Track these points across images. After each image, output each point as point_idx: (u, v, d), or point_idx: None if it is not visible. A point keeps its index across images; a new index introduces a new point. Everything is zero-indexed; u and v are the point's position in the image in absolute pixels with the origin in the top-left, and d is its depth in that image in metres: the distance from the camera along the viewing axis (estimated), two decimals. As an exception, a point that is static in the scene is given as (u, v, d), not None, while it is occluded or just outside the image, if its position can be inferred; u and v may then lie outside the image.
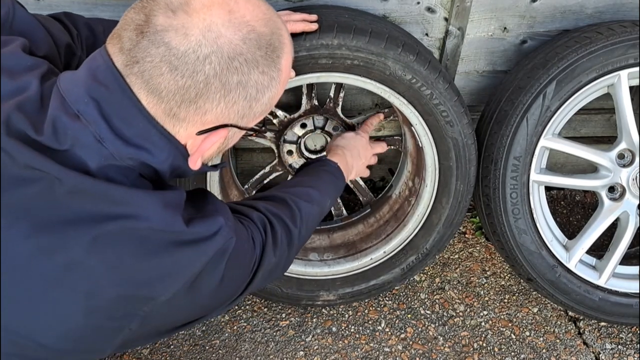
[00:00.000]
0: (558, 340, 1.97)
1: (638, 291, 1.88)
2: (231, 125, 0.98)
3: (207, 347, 1.91)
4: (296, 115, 1.83)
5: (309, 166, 1.52)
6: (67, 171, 0.90)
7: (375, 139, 1.94)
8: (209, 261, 0.98)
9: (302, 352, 1.91)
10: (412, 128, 1.70)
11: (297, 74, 1.51)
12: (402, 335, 1.96)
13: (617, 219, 1.87)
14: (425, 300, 2.06)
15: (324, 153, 1.92)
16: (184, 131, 0.96)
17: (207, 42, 0.90)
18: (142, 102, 0.92)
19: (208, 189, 1.69)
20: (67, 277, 0.90)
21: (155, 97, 0.91)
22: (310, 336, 1.95)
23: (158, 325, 1.02)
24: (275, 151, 1.91)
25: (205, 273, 0.99)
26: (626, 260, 1.92)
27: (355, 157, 1.64)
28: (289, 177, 1.97)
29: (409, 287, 2.10)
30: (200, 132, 0.97)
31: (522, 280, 2.06)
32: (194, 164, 1.01)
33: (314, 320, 1.99)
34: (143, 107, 0.92)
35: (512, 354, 1.93)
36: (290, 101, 1.93)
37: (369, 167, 1.76)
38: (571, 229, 2.31)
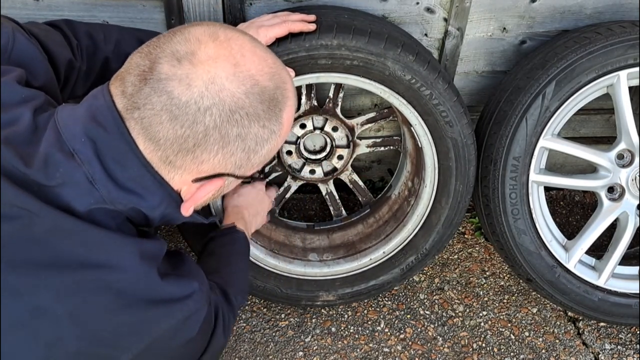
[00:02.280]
0: (557, 341, 1.97)
1: (637, 291, 1.88)
2: (228, 175, 0.98)
3: (206, 348, 1.91)
4: (295, 115, 1.83)
5: (220, 245, 1.50)
6: (49, 209, 0.88)
7: (374, 139, 1.94)
8: (176, 324, 0.97)
9: (301, 353, 1.91)
10: (412, 128, 1.70)
11: (296, 75, 1.50)
12: (402, 336, 1.96)
13: (617, 220, 1.87)
14: (425, 301, 2.06)
15: (324, 154, 1.93)
16: (179, 178, 0.95)
17: (210, 94, 0.89)
18: (139, 147, 0.91)
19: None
20: (31, 323, 0.87)
21: (152, 144, 0.91)
22: (310, 336, 1.95)
23: None
24: (275, 151, 1.91)
25: (171, 336, 0.98)
26: (625, 260, 1.92)
27: (253, 215, 1.66)
28: (288, 181, 1.97)
29: (408, 287, 2.10)
30: (196, 180, 0.96)
31: (521, 281, 2.06)
32: (187, 211, 1.00)
33: (313, 320, 1.99)
34: (140, 152, 0.91)
35: (512, 354, 1.93)
36: (289, 101, 1.92)
37: None
38: (570, 230, 2.31)
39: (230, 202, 1.70)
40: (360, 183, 2.02)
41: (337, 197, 2.03)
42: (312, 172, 1.96)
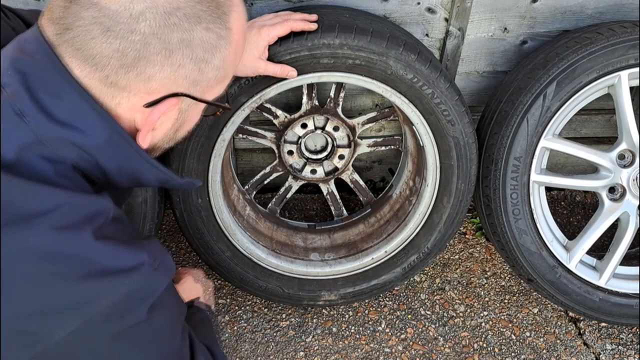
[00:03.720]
0: (558, 341, 1.97)
1: (638, 292, 1.88)
2: (183, 95, 0.88)
3: (207, 348, 1.91)
4: (297, 115, 1.83)
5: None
6: None
7: (375, 139, 1.94)
8: (118, 301, 0.83)
9: (302, 353, 1.90)
10: (413, 127, 1.70)
11: (299, 74, 1.51)
12: (403, 336, 1.96)
13: (618, 220, 1.87)
14: (426, 301, 2.06)
15: (325, 154, 1.93)
16: (126, 102, 0.86)
17: None
18: (74, 72, 0.83)
19: (210, 188, 1.68)
20: None
21: (89, 65, 0.82)
22: (311, 337, 1.95)
23: None
24: (276, 151, 1.91)
25: (114, 315, 0.84)
26: (626, 260, 1.92)
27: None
28: (289, 181, 1.98)
29: (409, 287, 2.10)
30: (148, 105, 0.87)
31: (522, 281, 2.06)
32: (143, 139, 0.89)
33: (314, 320, 1.99)
34: (73, 79, 0.83)
35: (513, 354, 1.92)
36: (290, 101, 1.93)
37: None
38: (571, 230, 2.31)
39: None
40: (361, 183, 2.02)
41: (338, 197, 2.03)
42: (313, 172, 1.96)
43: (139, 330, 0.88)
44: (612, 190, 1.84)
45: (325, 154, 1.95)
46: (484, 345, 1.95)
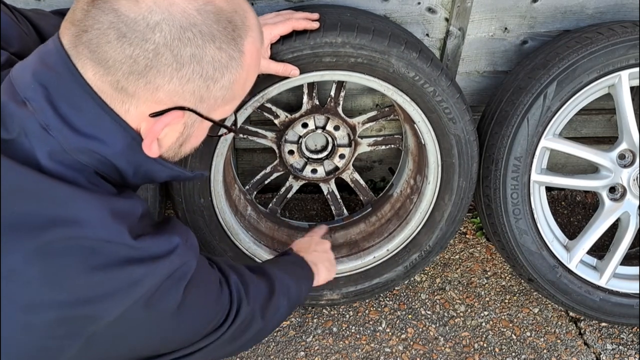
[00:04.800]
0: (559, 341, 1.97)
1: (639, 292, 1.88)
2: (188, 109, 0.91)
3: (207, 348, 1.90)
4: (297, 115, 1.83)
5: (276, 259, 1.46)
6: (12, 165, 0.84)
7: (376, 138, 1.95)
8: (161, 283, 0.91)
9: (302, 353, 1.90)
10: (415, 126, 1.71)
11: (301, 73, 1.51)
12: (403, 336, 1.96)
13: (618, 220, 1.87)
14: (426, 301, 2.06)
15: (325, 153, 1.94)
16: (135, 110, 0.89)
17: (159, 9, 0.84)
18: (87, 76, 0.86)
19: (212, 188, 1.68)
20: (6, 286, 0.83)
21: (102, 68, 0.85)
22: (311, 336, 1.95)
23: (108, 350, 0.93)
24: (277, 151, 1.91)
25: (158, 297, 0.92)
26: (627, 260, 1.92)
27: (314, 255, 1.55)
28: (290, 181, 1.98)
29: (410, 287, 2.10)
30: (154, 115, 0.89)
31: (522, 281, 2.06)
32: (149, 148, 0.92)
33: (315, 320, 1.99)
34: (91, 89, 0.86)
35: (513, 354, 1.92)
36: (291, 101, 1.93)
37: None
38: (572, 230, 2.32)
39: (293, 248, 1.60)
40: (362, 182, 2.02)
41: (338, 196, 2.03)
42: (314, 171, 1.96)
43: (181, 307, 0.95)
44: (612, 190, 1.84)
45: (325, 153, 1.95)
46: (485, 345, 1.95)
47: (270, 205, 2.04)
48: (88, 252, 0.86)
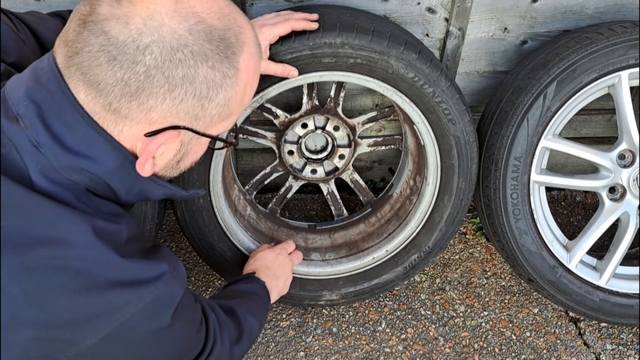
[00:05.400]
0: (559, 341, 1.97)
1: (638, 292, 1.88)
2: (184, 128, 0.90)
3: (207, 348, 1.90)
4: (297, 115, 1.83)
5: (238, 287, 1.49)
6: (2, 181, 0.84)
7: (375, 138, 1.94)
8: (145, 309, 0.90)
9: (302, 353, 1.90)
10: (414, 126, 1.70)
11: (300, 73, 1.51)
12: (403, 336, 1.96)
13: (618, 220, 1.87)
14: (426, 301, 2.06)
15: (325, 153, 1.93)
16: (128, 130, 0.88)
17: (148, 31, 0.83)
18: (80, 97, 0.86)
19: (211, 189, 1.68)
20: None
21: (93, 91, 0.85)
22: (311, 337, 1.95)
23: None
24: (276, 151, 1.91)
25: (140, 321, 0.91)
26: (627, 260, 1.92)
27: (272, 277, 1.60)
28: (290, 182, 1.98)
29: (410, 287, 2.10)
30: (148, 134, 0.89)
31: (522, 281, 2.06)
32: (142, 167, 0.92)
33: (315, 320, 1.99)
34: (83, 110, 0.86)
35: (513, 354, 1.92)
36: (290, 101, 1.93)
37: None
38: (572, 230, 2.32)
39: (247, 265, 1.67)
40: (362, 182, 2.02)
41: (338, 196, 2.03)
42: (314, 171, 1.96)
43: (164, 334, 0.96)
44: (612, 190, 1.84)
45: (325, 153, 1.95)
46: (485, 345, 1.95)
47: (270, 205, 2.04)
48: (73, 273, 0.85)
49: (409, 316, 2.02)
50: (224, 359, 1.20)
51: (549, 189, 2.22)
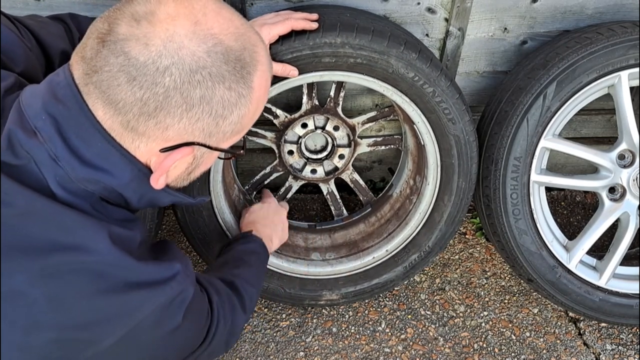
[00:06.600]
0: (558, 341, 1.97)
1: (638, 292, 1.88)
2: (198, 144, 0.92)
3: (207, 348, 1.90)
4: (297, 115, 1.83)
5: (236, 249, 1.51)
6: (21, 190, 0.86)
7: (375, 138, 1.94)
8: (161, 308, 0.95)
9: (302, 353, 1.90)
10: (414, 126, 1.70)
11: (300, 73, 1.51)
12: (403, 336, 1.96)
13: (618, 220, 1.87)
14: (426, 301, 2.06)
15: (325, 153, 1.93)
16: (144, 147, 0.91)
17: (168, 53, 0.85)
18: (98, 114, 0.87)
19: (211, 189, 1.68)
20: (6, 307, 0.84)
21: (112, 109, 0.87)
22: (311, 337, 1.95)
23: None
24: (276, 151, 1.91)
25: (156, 320, 0.95)
26: (626, 261, 1.93)
27: (270, 226, 1.66)
28: (289, 181, 1.97)
29: (409, 287, 2.10)
30: (164, 150, 0.92)
31: (522, 281, 2.06)
32: (156, 182, 0.95)
33: (314, 320, 1.99)
34: (100, 126, 0.88)
35: (513, 354, 1.92)
36: (290, 101, 1.93)
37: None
38: (571, 230, 2.32)
39: (242, 222, 1.70)
40: (362, 182, 2.02)
41: (338, 196, 2.03)
42: (314, 171, 1.96)
43: (177, 331, 0.99)
44: (612, 190, 1.84)
45: (325, 153, 1.95)
46: (484, 345, 1.95)
47: (270, 205, 2.04)
48: (92, 277, 0.89)
49: (409, 316, 2.02)
50: (223, 337, 1.23)
51: (548, 189, 2.22)
